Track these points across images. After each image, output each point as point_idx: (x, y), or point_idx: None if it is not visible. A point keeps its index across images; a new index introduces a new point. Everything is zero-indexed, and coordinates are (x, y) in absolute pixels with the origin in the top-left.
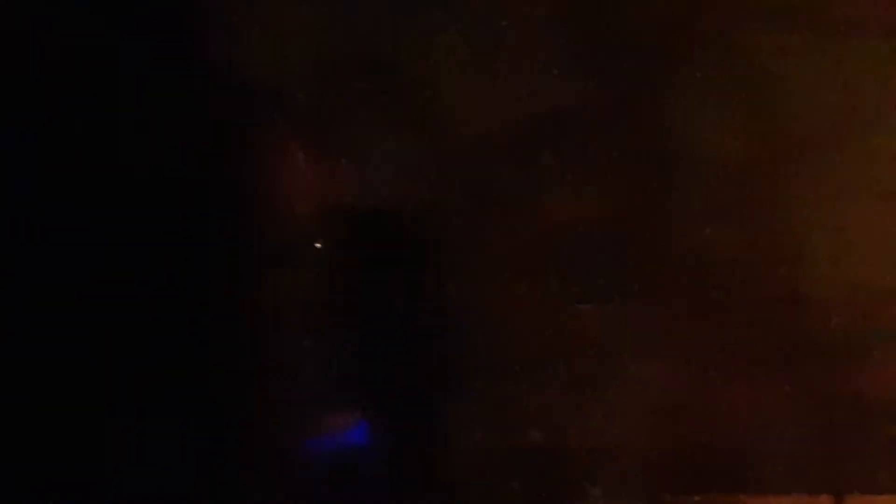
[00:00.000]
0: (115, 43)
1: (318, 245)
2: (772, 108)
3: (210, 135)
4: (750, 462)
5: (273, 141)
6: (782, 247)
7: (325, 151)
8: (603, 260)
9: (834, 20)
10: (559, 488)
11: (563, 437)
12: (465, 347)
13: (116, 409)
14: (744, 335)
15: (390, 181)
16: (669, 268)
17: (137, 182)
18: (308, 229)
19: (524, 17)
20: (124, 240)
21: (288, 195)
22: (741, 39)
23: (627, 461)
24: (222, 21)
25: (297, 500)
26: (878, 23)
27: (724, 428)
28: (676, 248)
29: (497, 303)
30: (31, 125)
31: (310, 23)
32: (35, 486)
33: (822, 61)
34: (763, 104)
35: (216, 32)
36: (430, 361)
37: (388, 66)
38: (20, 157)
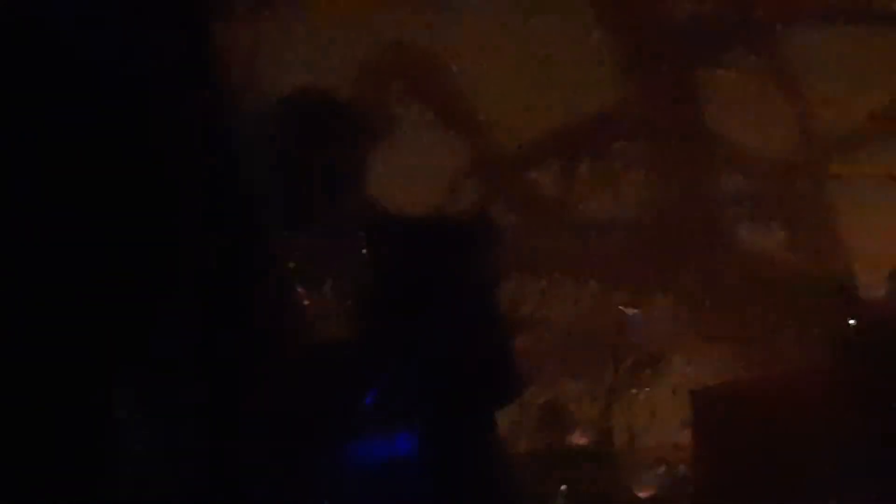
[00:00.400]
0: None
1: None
2: (815, 106)
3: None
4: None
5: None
6: (826, 245)
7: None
8: (646, 262)
9: (877, 15)
10: (606, 493)
11: (609, 442)
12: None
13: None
14: (792, 334)
15: (435, 187)
16: (713, 268)
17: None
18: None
19: (566, 24)
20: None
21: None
22: (784, 38)
23: (673, 465)
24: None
25: None
26: None
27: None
28: (720, 249)
29: (540, 307)
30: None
31: (352, 27)
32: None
33: (866, 57)
34: (807, 104)
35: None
36: (474, 366)
37: (431, 74)
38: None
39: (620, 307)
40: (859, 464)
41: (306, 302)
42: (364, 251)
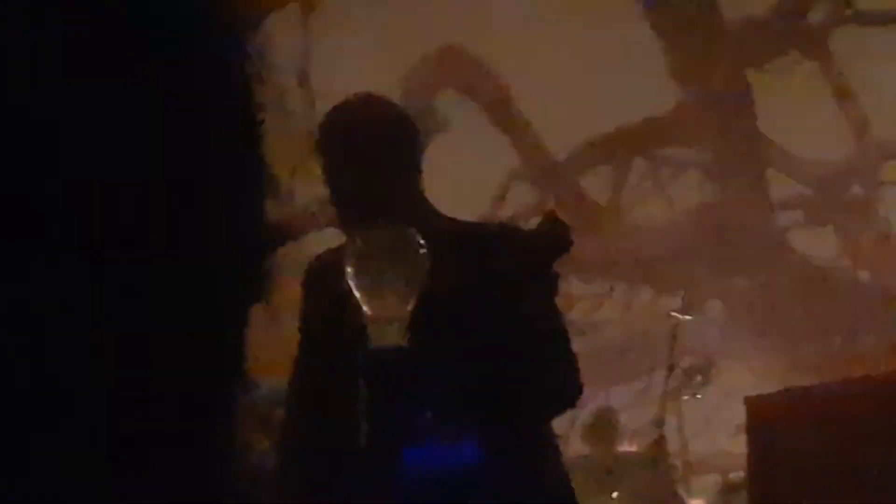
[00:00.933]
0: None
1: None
2: (869, 112)
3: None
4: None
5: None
6: (880, 251)
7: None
8: (698, 268)
9: None
10: (658, 500)
11: (662, 448)
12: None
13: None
14: (845, 341)
15: (484, 192)
16: (766, 274)
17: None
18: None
19: (618, 29)
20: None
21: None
22: (838, 42)
23: (726, 472)
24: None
25: None
26: None
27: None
28: (773, 255)
29: (592, 312)
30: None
31: (402, 31)
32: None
33: None
34: (861, 109)
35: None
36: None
37: (481, 78)
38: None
39: (673, 313)
40: None
41: (366, 308)
42: (423, 252)
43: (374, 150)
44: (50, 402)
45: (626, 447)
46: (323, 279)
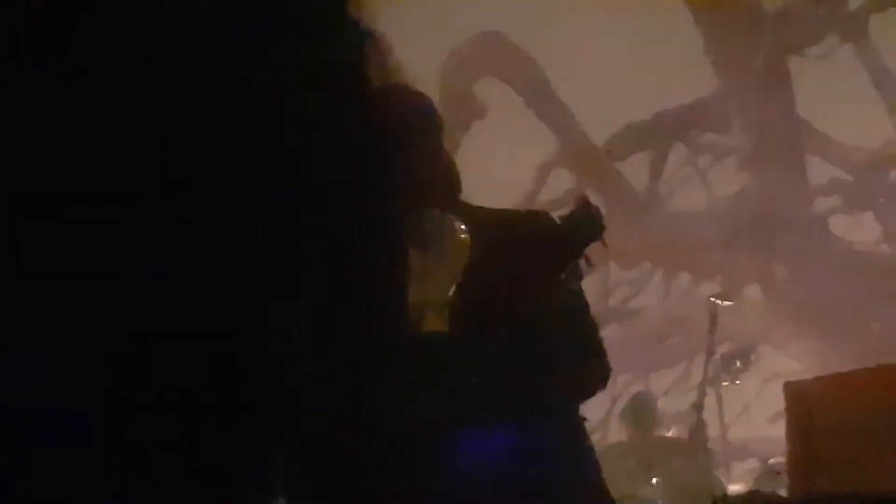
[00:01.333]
0: None
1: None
2: None
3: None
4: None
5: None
6: None
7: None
8: (737, 254)
9: None
10: (697, 485)
11: (701, 434)
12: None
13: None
14: (884, 326)
15: (522, 178)
16: (806, 260)
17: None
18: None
19: (657, 16)
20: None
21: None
22: (878, 29)
23: (765, 458)
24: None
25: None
26: None
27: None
28: (813, 241)
29: (631, 298)
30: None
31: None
32: None
33: None
34: None
35: None
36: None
37: (520, 64)
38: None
39: (712, 298)
40: None
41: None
42: (464, 238)
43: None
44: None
45: (666, 432)
46: None
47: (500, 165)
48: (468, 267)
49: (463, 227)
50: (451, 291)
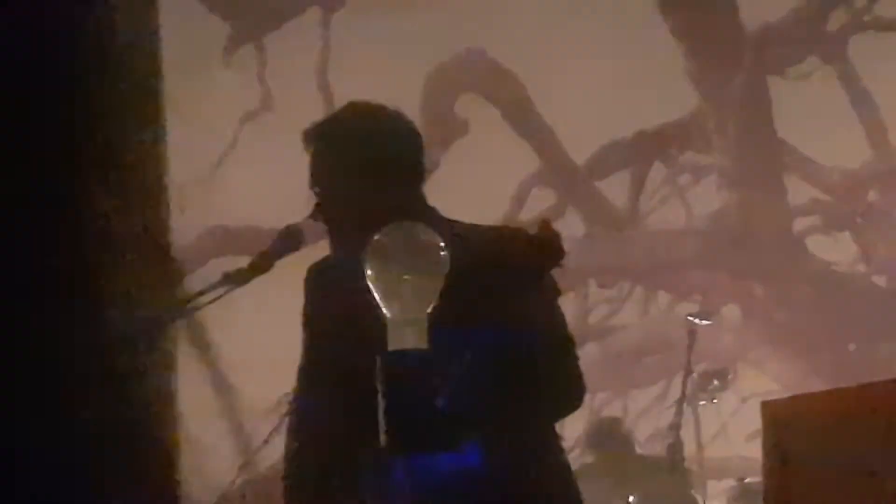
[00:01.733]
0: None
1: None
2: (887, 118)
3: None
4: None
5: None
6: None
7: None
8: (716, 273)
9: None
10: (674, 501)
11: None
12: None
13: None
14: (861, 346)
15: (503, 195)
16: (784, 279)
17: None
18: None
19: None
20: None
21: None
22: (857, 50)
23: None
24: None
25: None
26: None
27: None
28: (791, 260)
29: (609, 317)
30: None
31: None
32: None
33: None
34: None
35: None
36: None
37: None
38: None
39: (690, 317)
40: None
41: (386, 310)
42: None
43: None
44: None
45: (643, 451)
46: (330, 280)
47: (480, 183)
48: (447, 284)
49: (442, 243)
50: (430, 308)
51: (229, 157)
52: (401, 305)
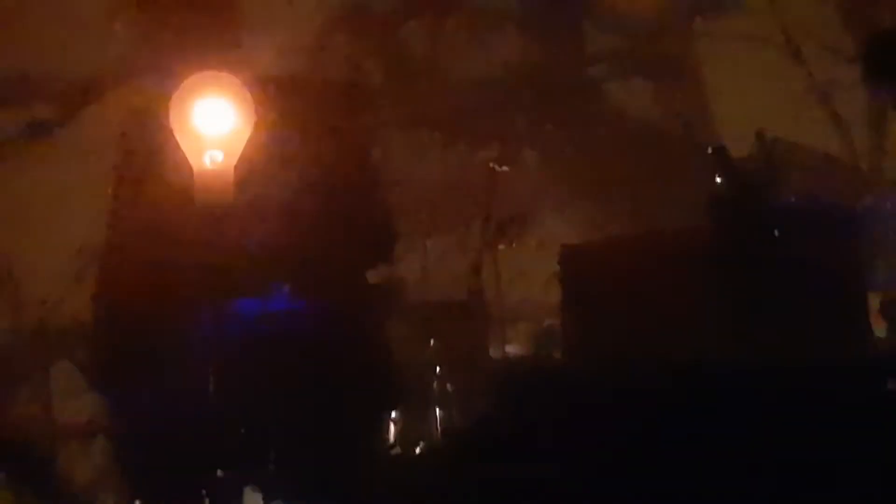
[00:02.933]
0: None
1: None
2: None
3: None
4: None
5: None
6: (693, 102)
7: None
8: (514, 120)
9: None
10: (474, 347)
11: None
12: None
13: None
14: (659, 191)
15: (303, 43)
16: (581, 125)
17: None
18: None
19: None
20: None
21: None
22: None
23: (540, 320)
24: None
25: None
26: None
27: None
28: (588, 106)
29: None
30: None
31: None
32: None
33: None
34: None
35: None
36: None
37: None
38: None
39: (490, 164)
40: (724, 320)
41: None
42: None
43: None
44: None
45: (444, 296)
46: None
47: (280, 24)
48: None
49: None
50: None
51: None
52: None
